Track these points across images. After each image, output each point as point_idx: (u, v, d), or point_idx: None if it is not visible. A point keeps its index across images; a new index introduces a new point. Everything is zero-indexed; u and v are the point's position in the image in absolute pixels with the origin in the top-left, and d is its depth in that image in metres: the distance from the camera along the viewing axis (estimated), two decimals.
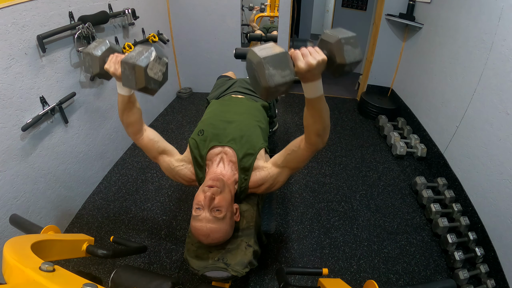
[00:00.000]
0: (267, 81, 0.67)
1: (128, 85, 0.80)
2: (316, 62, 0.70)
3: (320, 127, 0.88)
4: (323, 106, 0.85)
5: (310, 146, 0.94)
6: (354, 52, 0.71)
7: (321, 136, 0.90)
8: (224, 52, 3.27)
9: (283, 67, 0.68)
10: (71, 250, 0.77)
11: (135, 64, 0.75)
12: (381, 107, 3.03)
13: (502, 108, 1.60)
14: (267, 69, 0.66)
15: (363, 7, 4.12)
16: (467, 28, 2.00)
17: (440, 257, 1.69)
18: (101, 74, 0.90)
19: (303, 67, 0.70)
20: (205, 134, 1.14)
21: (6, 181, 1.37)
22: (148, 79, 0.77)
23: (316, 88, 0.79)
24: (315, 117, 0.86)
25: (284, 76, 0.68)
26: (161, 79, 0.82)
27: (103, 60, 0.88)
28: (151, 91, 0.81)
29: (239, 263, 0.95)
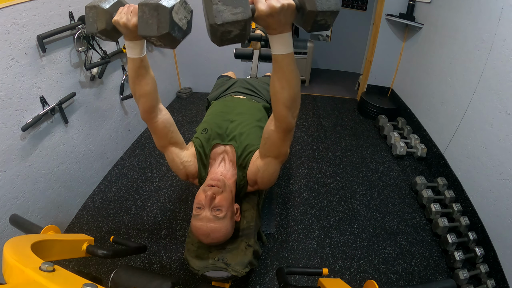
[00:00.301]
0: (214, 16, 0.57)
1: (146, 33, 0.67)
2: (280, 6, 0.60)
3: (287, 95, 0.76)
4: (292, 68, 0.73)
5: (279, 123, 0.84)
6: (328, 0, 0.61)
7: (289, 108, 0.79)
8: (224, 52, 3.26)
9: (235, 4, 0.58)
10: (71, 250, 0.77)
11: (159, 4, 0.63)
12: (381, 107, 3.03)
13: (502, 108, 1.60)
14: (215, 3, 0.57)
15: (363, 7, 4.12)
16: (467, 28, 2.00)
17: (440, 257, 1.69)
18: (107, 31, 0.77)
19: (264, 9, 0.60)
20: (209, 132, 1.15)
21: (6, 181, 1.37)
22: (173, 24, 0.65)
23: (283, 41, 0.68)
24: (282, 81, 0.75)
25: (235, 13, 0.58)
26: (185, 27, 0.70)
27: (110, 14, 0.76)
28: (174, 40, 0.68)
29: (239, 263, 0.95)
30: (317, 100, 3.60)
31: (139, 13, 0.67)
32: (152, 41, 0.68)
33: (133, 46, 0.81)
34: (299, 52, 3.81)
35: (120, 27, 0.75)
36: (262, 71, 2.31)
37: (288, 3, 0.61)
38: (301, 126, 2.99)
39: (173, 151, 1.07)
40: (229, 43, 0.62)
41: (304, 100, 3.58)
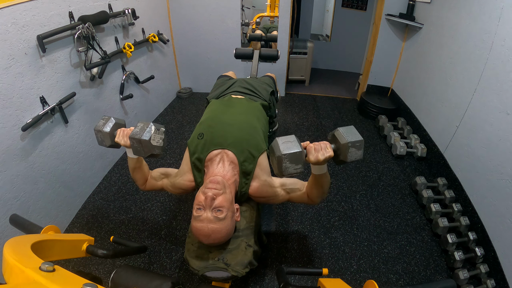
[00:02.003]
0: (282, 171, 0.89)
1: (138, 154, 1.01)
2: (323, 159, 0.91)
3: (320, 193, 1.07)
4: (325, 180, 1.02)
5: (309, 200, 1.13)
6: (357, 153, 0.90)
7: (320, 198, 1.10)
8: (224, 52, 3.27)
9: (297, 162, 0.88)
10: (71, 250, 0.77)
11: (140, 139, 0.96)
12: (381, 107, 3.03)
13: (502, 108, 1.60)
14: (284, 163, 0.87)
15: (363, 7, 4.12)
16: (467, 28, 2.00)
17: (440, 257, 1.69)
18: (113, 145, 1.08)
19: (312, 160, 0.91)
20: (205, 138, 1.14)
21: (6, 181, 1.36)
22: (153, 147, 0.98)
23: (321, 169, 0.97)
24: (318, 188, 1.05)
25: (296, 168, 0.89)
26: (162, 144, 1.02)
27: (112, 135, 1.06)
28: (157, 155, 1.02)
29: (239, 263, 0.95)
30: (317, 100, 3.60)
31: (130, 141, 0.99)
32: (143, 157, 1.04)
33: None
34: (299, 52, 3.81)
35: (122, 145, 1.05)
36: (262, 71, 2.31)
37: (329, 155, 0.92)
38: (301, 126, 2.99)
39: (166, 184, 1.21)
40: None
41: (304, 100, 3.58)
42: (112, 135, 1.06)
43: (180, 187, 1.16)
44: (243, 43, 3.31)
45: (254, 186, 1.10)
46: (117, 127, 1.07)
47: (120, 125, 1.09)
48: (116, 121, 1.09)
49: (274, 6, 3.86)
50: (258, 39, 2.42)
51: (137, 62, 2.51)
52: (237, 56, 2.15)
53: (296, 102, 3.54)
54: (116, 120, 1.09)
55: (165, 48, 3.09)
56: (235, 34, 3.20)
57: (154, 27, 2.80)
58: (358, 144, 0.89)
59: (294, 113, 3.25)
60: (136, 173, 1.18)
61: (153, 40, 2.65)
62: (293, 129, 2.95)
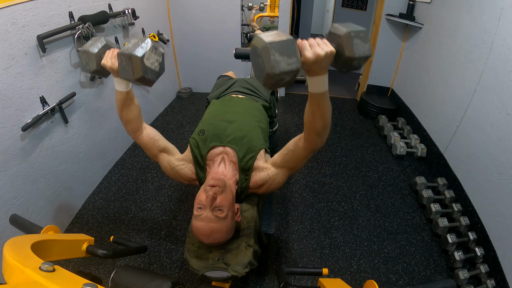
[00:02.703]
0: (272, 67, 0.63)
1: (125, 76, 0.80)
2: (324, 53, 0.67)
3: (320, 125, 0.85)
4: (326, 104, 0.81)
5: (308, 145, 0.92)
6: (363, 46, 0.69)
7: (320, 135, 0.88)
8: (224, 52, 3.27)
9: (289, 54, 0.64)
10: (71, 250, 0.77)
11: (131, 55, 0.75)
12: (381, 107, 3.03)
13: (502, 108, 1.60)
14: (272, 54, 0.63)
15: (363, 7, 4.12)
16: (467, 28, 2.00)
17: (440, 257, 1.69)
18: (98, 71, 0.90)
19: (311, 57, 0.67)
20: (206, 134, 1.14)
21: (6, 181, 1.36)
22: (145, 69, 0.78)
23: (321, 82, 0.76)
24: (317, 114, 0.83)
25: (290, 63, 0.64)
26: (158, 69, 0.82)
27: (99, 57, 0.88)
28: (149, 81, 0.81)
29: (239, 263, 0.95)
30: None
31: (118, 60, 0.79)
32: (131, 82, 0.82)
33: (120, 82, 0.95)
34: None
35: (107, 69, 0.88)
36: None
37: (330, 50, 0.68)
38: (301, 126, 2.99)
39: (164, 158, 1.13)
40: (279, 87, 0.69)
41: (304, 100, 3.57)
42: (99, 58, 0.88)
43: (182, 175, 1.13)
44: (243, 43, 3.31)
45: (252, 179, 1.09)
46: (107, 49, 0.90)
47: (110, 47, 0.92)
48: (107, 42, 0.92)
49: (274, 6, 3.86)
50: None
51: None
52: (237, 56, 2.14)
53: (296, 102, 3.54)
54: (107, 41, 0.92)
55: (165, 48, 3.09)
56: (235, 34, 3.20)
57: (154, 27, 2.80)
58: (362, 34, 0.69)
59: (294, 113, 3.25)
60: (125, 113, 1.03)
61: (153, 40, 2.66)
62: (293, 129, 2.95)
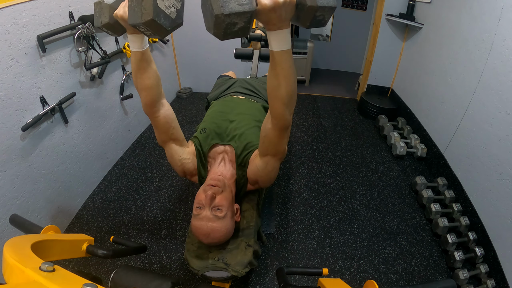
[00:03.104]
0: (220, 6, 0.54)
1: (133, 20, 0.66)
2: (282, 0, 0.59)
3: (284, 92, 0.77)
4: (290, 65, 0.73)
5: (276, 121, 0.85)
6: None
7: (286, 104, 0.80)
8: (224, 52, 3.26)
9: None
10: (71, 250, 0.77)
11: None
12: (381, 107, 3.03)
13: (502, 108, 1.60)
14: None
15: (363, 7, 4.12)
16: (467, 28, 2.00)
17: (440, 257, 1.69)
18: (111, 24, 0.79)
19: (267, 3, 0.59)
20: (207, 132, 1.15)
21: (6, 181, 1.36)
22: (157, 11, 0.64)
23: (282, 37, 0.68)
24: (280, 78, 0.74)
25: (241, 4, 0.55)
26: (174, 16, 0.68)
27: (113, 9, 0.77)
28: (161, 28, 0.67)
29: (239, 263, 0.95)
30: (317, 100, 3.59)
31: (129, 2, 0.66)
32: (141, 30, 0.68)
33: (134, 39, 0.82)
34: (299, 52, 3.81)
35: (119, 20, 0.76)
36: (262, 71, 2.31)
37: None
38: (301, 126, 2.99)
39: (173, 147, 1.08)
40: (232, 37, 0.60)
41: (304, 100, 3.58)
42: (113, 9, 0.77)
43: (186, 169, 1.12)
44: (243, 43, 3.30)
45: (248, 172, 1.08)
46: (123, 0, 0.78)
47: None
48: None
49: None
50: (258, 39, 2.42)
51: None
52: (237, 56, 2.15)
53: (296, 102, 3.53)
54: None
55: (165, 48, 3.09)
56: None
57: None
58: None
59: (294, 113, 3.23)
60: (140, 77, 0.89)
61: (153, 40, 2.65)
62: (293, 129, 2.95)
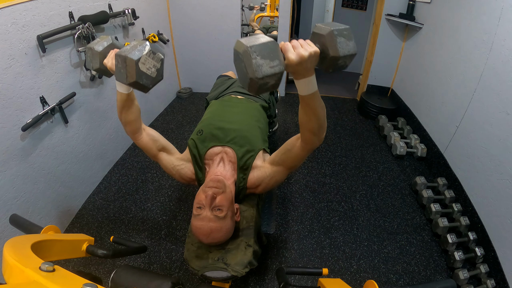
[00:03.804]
0: (255, 71, 0.61)
1: (119, 79, 0.77)
2: (308, 54, 0.66)
3: (315, 125, 0.84)
4: (318, 104, 0.80)
5: (305, 145, 0.91)
6: (348, 44, 0.68)
7: (316, 134, 0.87)
8: (224, 52, 3.27)
9: (271, 57, 0.62)
10: (71, 250, 0.77)
11: (126, 57, 0.73)
12: (381, 107, 3.03)
13: (502, 108, 1.60)
14: (254, 58, 0.61)
15: (363, 7, 4.12)
16: (467, 28, 2.00)
17: (440, 257, 1.69)
18: (101, 69, 0.89)
19: (294, 59, 0.66)
20: (204, 134, 1.15)
21: (6, 181, 1.36)
22: (140, 74, 0.74)
23: (309, 84, 0.74)
24: (310, 115, 0.82)
25: (273, 66, 0.62)
26: (154, 75, 0.78)
27: (103, 56, 0.87)
28: (143, 87, 0.78)
29: (239, 263, 0.95)
30: None
31: (115, 62, 0.76)
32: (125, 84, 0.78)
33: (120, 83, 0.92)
34: None
35: (108, 69, 0.87)
36: None
37: (314, 50, 0.67)
38: None
39: (163, 157, 1.13)
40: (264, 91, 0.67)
41: None
42: (103, 57, 0.87)
43: (182, 175, 1.13)
44: None
45: (249, 178, 1.09)
46: (111, 49, 0.89)
47: (116, 47, 0.91)
48: (113, 42, 0.90)
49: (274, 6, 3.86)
50: None
51: None
52: None
53: (296, 102, 3.53)
54: (113, 41, 0.90)
55: (165, 48, 3.09)
56: (235, 34, 3.20)
57: (154, 27, 2.80)
58: (346, 32, 0.68)
59: (294, 113, 3.25)
60: (124, 115, 1.02)
61: (153, 40, 2.66)
62: (293, 129, 2.95)
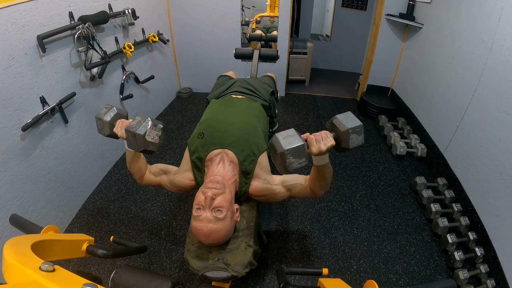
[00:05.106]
0: (287, 167, 0.87)
1: (131, 147, 0.99)
2: (326, 148, 0.89)
3: (323, 184, 1.06)
4: (328, 170, 1.01)
5: (312, 193, 1.11)
6: (358, 139, 0.90)
7: (323, 189, 1.09)
8: (224, 52, 3.27)
9: (300, 156, 0.87)
10: (71, 250, 0.77)
11: (135, 133, 0.93)
12: (381, 107, 3.03)
13: (502, 108, 1.60)
14: (288, 158, 0.85)
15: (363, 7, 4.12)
16: (467, 28, 2.00)
17: (440, 257, 1.69)
18: (112, 135, 1.06)
19: (315, 152, 0.90)
20: (205, 137, 1.14)
21: (6, 181, 1.36)
22: (147, 143, 0.95)
23: (323, 159, 0.97)
24: (320, 177, 1.03)
25: (300, 163, 0.88)
26: (157, 141, 0.99)
27: (112, 124, 1.05)
28: (150, 152, 0.98)
29: (239, 263, 0.95)
30: (317, 100, 3.60)
31: (126, 134, 0.97)
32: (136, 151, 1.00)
33: None
34: (299, 52, 3.81)
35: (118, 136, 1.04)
36: (262, 71, 2.31)
37: (331, 144, 0.90)
38: (301, 126, 2.99)
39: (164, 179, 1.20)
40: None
41: (304, 100, 3.58)
42: (112, 125, 1.05)
43: (180, 186, 1.16)
44: (243, 43, 3.31)
45: (254, 185, 1.10)
46: (118, 118, 1.07)
47: (121, 116, 1.08)
48: (118, 111, 1.08)
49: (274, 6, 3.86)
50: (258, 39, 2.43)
51: (137, 62, 2.51)
52: (237, 56, 2.15)
53: (296, 102, 3.54)
54: (117, 111, 1.08)
55: (165, 48, 3.09)
56: (235, 34, 3.20)
57: (154, 27, 2.80)
58: (358, 129, 0.89)
59: (294, 113, 3.25)
60: (133, 166, 1.19)
61: (153, 40, 2.65)
62: None
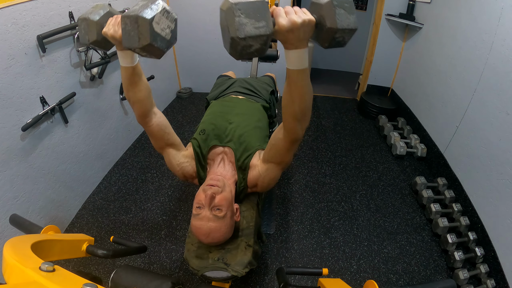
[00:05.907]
0: (236, 30, 0.56)
1: (129, 44, 0.66)
2: (301, 21, 0.60)
3: (298, 109, 0.77)
4: (306, 84, 0.73)
5: (288, 134, 0.86)
6: (348, 17, 0.61)
7: (299, 120, 0.80)
8: (224, 52, 3.21)
9: (258, 18, 0.57)
10: (71, 250, 0.77)
11: (138, 16, 0.62)
12: (381, 107, 3.03)
13: (502, 108, 1.60)
14: (237, 16, 0.56)
15: (363, 7, 4.12)
16: (467, 28, 2.00)
17: (440, 257, 1.69)
18: (98, 41, 0.78)
19: (285, 24, 0.60)
20: (206, 133, 1.15)
21: (6, 181, 1.36)
22: (154, 35, 0.64)
23: (300, 58, 0.67)
24: (295, 95, 0.74)
25: (258, 27, 0.57)
26: (169, 37, 0.69)
27: (101, 26, 0.76)
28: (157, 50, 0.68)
29: (239, 263, 0.95)
30: (317, 100, 3.59)
31: (122, 25, 0.66)
32: (136, 51, 0.68)
33: (124, 55, 0.83)
34: None
35: (109, 38, 0.76)
36: (262, 71, 2.31)
37: (309, 18, 0.61)
38: None
39: (170, 152, 1.09)
40: (248, 57, 0.61)
41: None
42: (100, 27, 0.76)
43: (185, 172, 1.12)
44: None
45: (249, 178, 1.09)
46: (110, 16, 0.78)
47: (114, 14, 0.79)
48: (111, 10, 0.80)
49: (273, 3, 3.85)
50: None
51: None
52: None
53: None
54: (110, 9, 0.80)
55: None
56: None
57: None
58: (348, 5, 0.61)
59: None
60: (132, 91, 0.91)
61: None
62: None
